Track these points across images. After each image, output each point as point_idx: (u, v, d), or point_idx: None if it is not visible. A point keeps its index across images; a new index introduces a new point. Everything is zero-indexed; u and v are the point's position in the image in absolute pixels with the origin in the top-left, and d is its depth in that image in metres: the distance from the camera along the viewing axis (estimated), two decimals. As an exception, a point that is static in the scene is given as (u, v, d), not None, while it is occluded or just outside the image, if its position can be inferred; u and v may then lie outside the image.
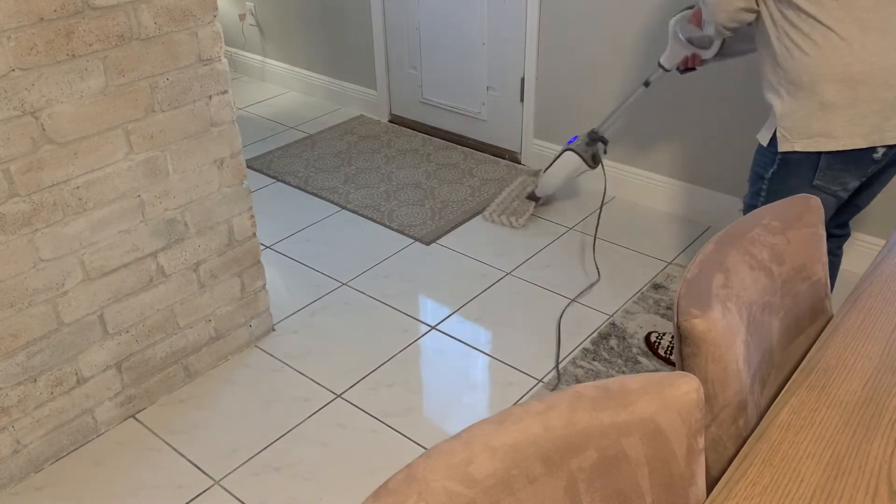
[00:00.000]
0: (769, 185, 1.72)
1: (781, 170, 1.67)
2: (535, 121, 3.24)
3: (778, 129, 1.64)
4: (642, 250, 2.77)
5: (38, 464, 1.92)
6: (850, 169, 1.62)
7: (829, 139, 1.58)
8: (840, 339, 1.11)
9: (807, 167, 1.64)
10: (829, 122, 1.57)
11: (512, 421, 0.80)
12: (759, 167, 1.75)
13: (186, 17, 1.81)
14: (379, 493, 0.72)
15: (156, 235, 1.94)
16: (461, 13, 3.28)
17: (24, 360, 1.79)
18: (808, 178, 1.65)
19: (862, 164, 1.61)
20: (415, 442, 2.00)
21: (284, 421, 2.07)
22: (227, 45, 4.28)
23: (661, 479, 0.87)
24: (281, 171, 3.34)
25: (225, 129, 2.00)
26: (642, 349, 2.29)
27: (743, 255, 1.13)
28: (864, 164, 1.61)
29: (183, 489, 1.88)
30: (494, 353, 2.30)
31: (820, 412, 0.98)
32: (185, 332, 2.12)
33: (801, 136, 1.61)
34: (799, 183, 1.66)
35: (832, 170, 1.62)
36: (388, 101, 3.79)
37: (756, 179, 1.77)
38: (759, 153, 1.75)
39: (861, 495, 0.87)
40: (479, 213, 3.01)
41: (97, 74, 1.70)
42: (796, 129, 1.61)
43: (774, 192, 1.70)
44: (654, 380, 0.88)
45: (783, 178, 1.68)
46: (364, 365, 2.26)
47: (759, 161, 1.75)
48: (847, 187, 1.66)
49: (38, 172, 1.67)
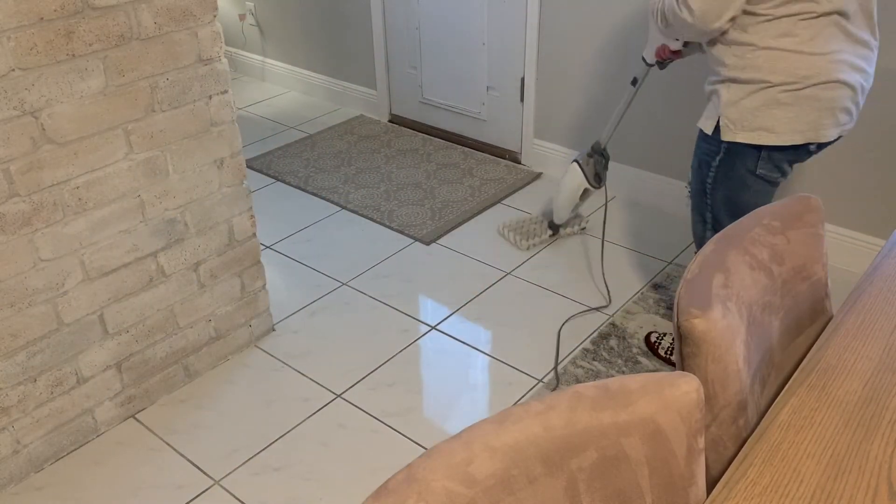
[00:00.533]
0: (716, 173, 1.82)
1: (727, 159, 1.78)
2: (535, 121, 3.24)
3: (721, 119, 1.73)
4: (642, 250, 2.77)
5: (38, 464, 1.92)
6: (788, 159, 1.76)
7: (770, 134, 1.68)
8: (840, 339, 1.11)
9: (750, 157, 1.75)
10: (772, 117, 1.67)
11: (512, 421, 0.80)
12: (704, 154, 1.85)
13: (186, 17, 1.81)
14: (379, 493, 0.72)
15: (156, 235, 1.94)
16: (461, 13, 3.28)
17: (24, 360, 1.79)
18: (751, 167, 1.76)
19: (798, 156, 1.75)
20: (415, 442, 2.00)
21: (284, 421, 2.07)
22: (227, 45, 4.28)
23: (661, 479, 0.87)
24: (281, 171, 3.34)
25: (225, 129, 2.00)
26: (642, 349, 2.29)
27: (743, 255, 1.13)
28: (800, 155, 1.75)
29: (183, 489, 1.88)
30: (494, 353, 2.30)
31: (820, 412, 0.98)
32: (185, 332, 2.12)
33: (744, 129, 1.71)
34: (743, 170, 1.77)
35: (772, 161, 1.74)
36: (388, 101, 3.79)
37: (703, 165, 1.86)
38: (704, 141, 1.83)
39: (861, 495, 0.87)
40: (479, 213, 3.01)
41: (97, 74, 1.70)
42: (740, 120, 1.71)
43: (721, 178, 1.82)
44: (654, 380, 0.88)
45: (729, 166, 1.79)
46: (364, 365, 2.26)
47: (704, 149, 1.84)
48: (785, 173, 1.79)
49: (38, 172, 1.67)
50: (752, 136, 1.72)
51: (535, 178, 3.26)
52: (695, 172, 1.93)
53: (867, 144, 2.44)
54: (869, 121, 2.41)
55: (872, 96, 2.36)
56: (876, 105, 2.38)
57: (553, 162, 3.25)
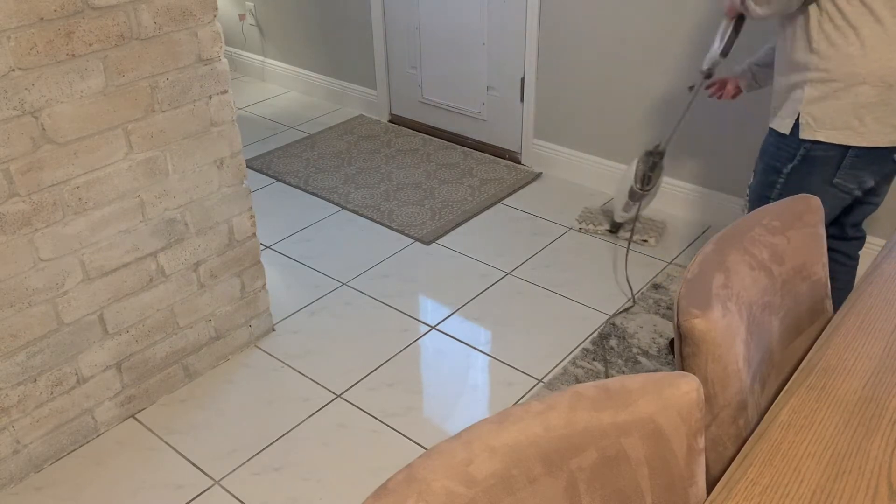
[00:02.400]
0: (787, 179, 1.63)
1: (803, 166, 1.59)
2: (535, 121, 3.24)
3: (802, 116, 1.56)
4: (642, 250, 2.77)
5: (38, 464, 1.92)
6: (872, 168, 1.58)
7: (857, 134, 1.52)
8: (840, 339, 1.11)
9: (831, 164, 1.57)
10: (859, 116, 1.50)
11: (512, 421, 0.80)
12: (773, 159, 1.65)
13: (186, 17, 1.81)
14: (379, 493, 0.72)
15: (156, 235, 1.94)
16: (461, 13, 3.28)
17: (24, 360, 1.79)
18: (829, 175, 1.58)
19: (884, 163, 1.57)
20: (415, 442, 2.00)
21: (284, 421, 2.07)
22: (227, 45, 4.28)
23: (661, 479, 0.87)
24: (281, 171, 3.34)
25: (225, 129, 2.00)
26: (642, 349, 2.29)
27: (743, 255, 1.13)
28: (885, 163, 1.57)
29: (183, 489, 1.88)
30: (494, 353, 2.30)
31: (820, 412, 0.98)
32: (185, 332, 2.12)
33: (828, 127, 1.54)
34: (819, 180, 1.59)
35: (855, 168, 1.56)
36: (388, 101, 3.79)
37: (769, 171, 1.67)
38: (775, 144, 1.64)
39: (861, 495, 0.87)
40: (479, 213, 3.01)
41: (97, 74, 1.70)
42: (824, 118, 1.54)
43: (792, 186, 1.62)
44: (654, 380, 0.88)
45: (804, 173, 1.60)
46: (364, 365, 2.26)
47: (773, 153, 1.65)
48: (863, 186, 1.61)
49: (38, 172, 1.67)
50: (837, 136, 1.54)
51: (535, 178, 3.26)
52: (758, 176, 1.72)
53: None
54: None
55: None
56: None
57: (553, 162, 3.25)
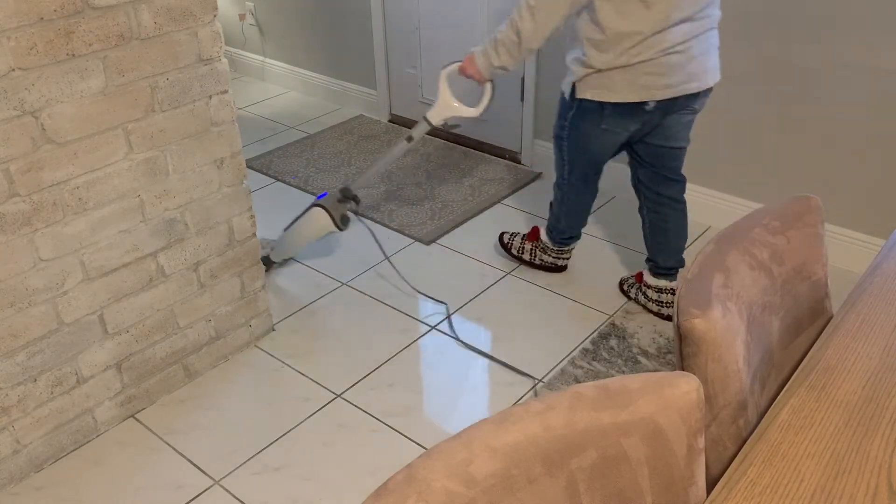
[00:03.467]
0: (570, 123, 2.20)
1: (578, 113, 2.17)
2: (535, 121, 3.24)
3: (576, 83, 2.10)
4: (643, 250, 2.77)
5: (38, 464, 1.92)
6: (629, 117, 2.10)
7: (610, 92, 2.04)
8: (840, 339, 1.11)
9: (596, 113, 2.11)
10: (611, 80, 2.02)
11: (512, 421, 0.80)
12: (563, 109, 2.23)
13: (186, 17, 1.81)
14: (379, 493, 0.72)
15: (156, 235, 1.94)
16: (461, 13, 3.28)
17: (24, 360, 1.79)
18: (597, 122, 2.13)
19: (637, 113, 2.08)
20: (415, 442, 2.00)
21: (284, 421, 2.07)
22: (227, 45, 4.27)
23: (661, 479, 0.87)
24: (281, 171, 3.34)
25: (225, 129, 2.00)
26: (642, 349, 2.29)
27: (743, 255, 1.13)
28: (638, 113, 2.08)
29: (183, 489, 1.88)
30: (494, 353, 2.30)
31: (820, 412, 0.98)
32: (185, 332, 2.12)
33: (590, 88, 2.08)
34: (591, 124, 2.16)
35: (614, 116, 2.10)
36: (388, 101, 3.79)
37: (560, 118, 2.25)
38: (562, 100, 2.22)
39: (861, 495, 0.87)
40: (479, 213, 3.01)
41: (97, 74, 1.70)
42: (587, 84, 2.08)
43: (573, 127, 2.21)
44: (654, 380, 0.88)
45: (579, 119, 2.17)
46: (364, 365, 2.26)
47: (563, 104, 2.22)
48: (629, 129, 2.14)
49: (38, 172, 1.67)
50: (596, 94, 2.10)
51: (535, 177, 3.26)
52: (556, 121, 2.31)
53: (867, 144, 2.44)
54: (869, 121, 2.41)
55: (872, 96, 2.36)
56: (876, 105, 2.38)
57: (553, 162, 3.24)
